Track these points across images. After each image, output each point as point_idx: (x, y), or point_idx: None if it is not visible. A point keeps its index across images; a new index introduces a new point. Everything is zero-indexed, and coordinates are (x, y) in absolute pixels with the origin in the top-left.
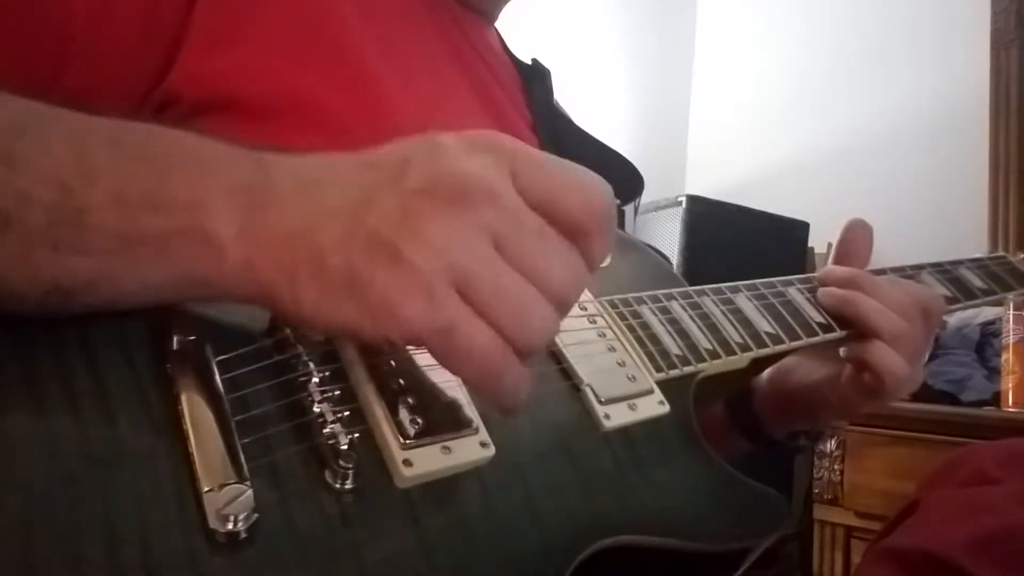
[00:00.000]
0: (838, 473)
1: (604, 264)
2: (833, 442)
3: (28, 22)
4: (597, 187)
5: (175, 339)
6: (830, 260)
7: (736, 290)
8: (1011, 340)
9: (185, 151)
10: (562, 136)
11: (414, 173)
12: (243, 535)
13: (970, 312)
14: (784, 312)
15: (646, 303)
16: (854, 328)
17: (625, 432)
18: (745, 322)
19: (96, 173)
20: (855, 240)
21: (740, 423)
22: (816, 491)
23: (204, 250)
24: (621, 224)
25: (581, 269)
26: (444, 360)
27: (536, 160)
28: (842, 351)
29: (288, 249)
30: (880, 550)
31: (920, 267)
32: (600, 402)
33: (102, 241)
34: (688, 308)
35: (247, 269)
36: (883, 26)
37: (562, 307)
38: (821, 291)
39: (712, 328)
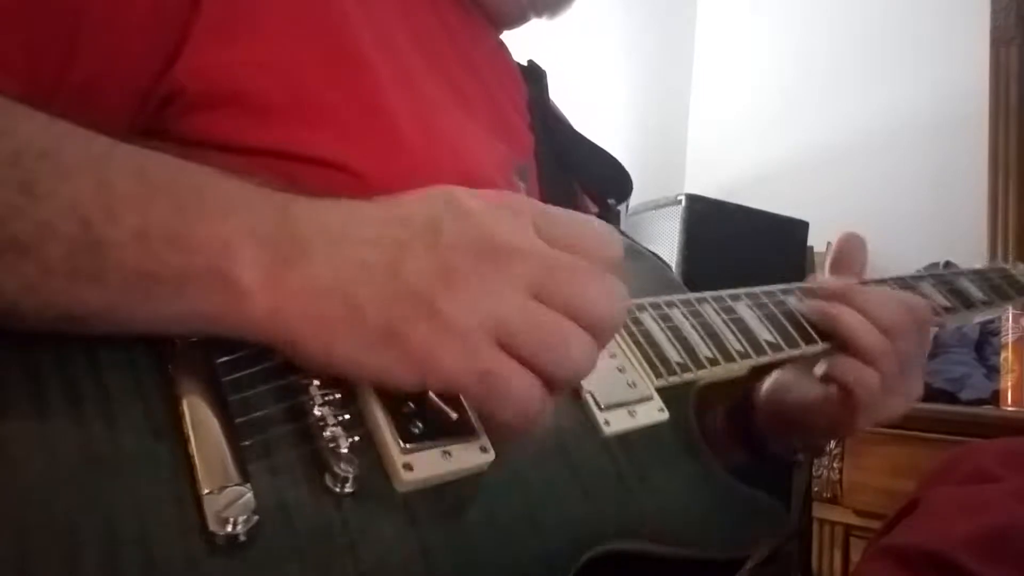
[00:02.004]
0: (837, 471)
1: None
2: (832, 440)
3: (40, 14)
4: (612, 231)
5: (177, 340)
6: (826, 272)
7: (737, 298)
8: (1010, 339)
9: (208, 190)
10: (557, 136)
11: (445, 233)
12: (242, 538)
13: None
14: (784, 320)
15: (647, 309)
16: (837, 342)
17: (625, 438)
18: (745, 330)
19: (118, 207)
20: (849, 252)
21: (741, 438)
22: (815, 489)
23: (223, 292)
24: (616, 225)
25: (618, 292)
26: (483, 403)
27: (554, 212)
28: (816, 368)
29: (321, 302)
30: (880, 548)
31: (920, 278)
32: (600, 408)
33: (120, 276)
34: (689, 315)
35: (274, 317)
36: (882, 25)
37: (604, 332)
38: (809, 304)
39: (712, 336)
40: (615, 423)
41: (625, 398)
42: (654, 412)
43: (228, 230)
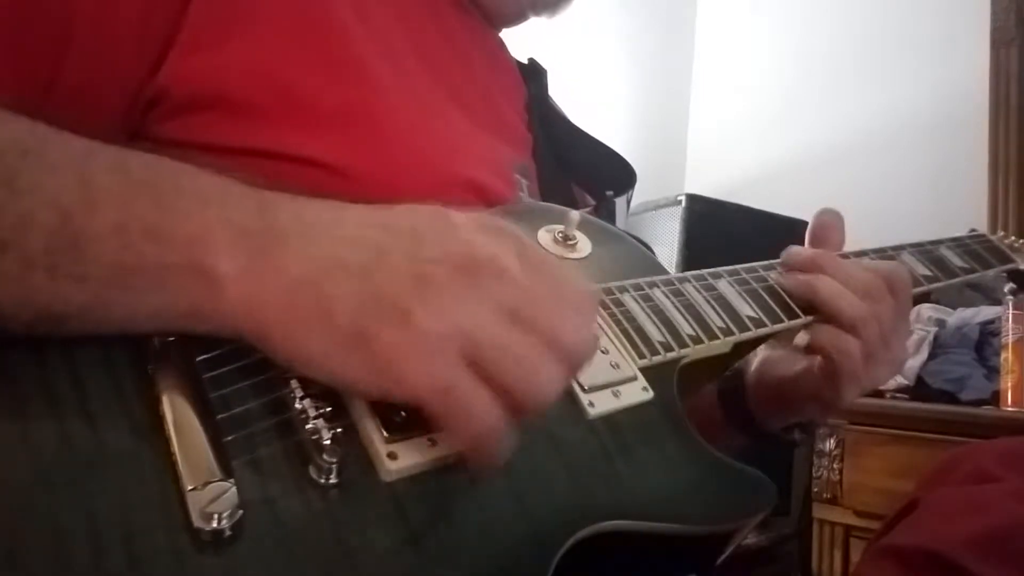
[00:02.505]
0: (837, 472)
1: (584, 255)
2: (832, 441)
3: (29, 20)
4: (592, 286)
5: (156, 339)
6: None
7: (718, 276)
8: (1010, 339)
9: (188, 185)
10: (555, 133)
11: (427, 244)
12: (228, 533)
13: (970, 311)
14: (766, 296)
15: (628, 291)
16: (818, 312)
17: (610, 419)
18: (727, 307)
19: (98, 200)
20: (826, 227)
21: (734, 418)
22: (815, 490)
23: (201, 284)
24: (613, 218)
25: (591, 328)
26: (441, 420)
27: (537, 247)
28: (797, 339)
29: (293, 295)
30: (880, 548)
31: (900, 247)
32: (584, 390)
33: (99, 269)
34: (670, 295)
35: (246, 308)
36: (883, 24)
37: (574, 364)
38: (785, 276)
39: (694, 314)
40: (599, 404)
41: (609, 379)
42: (638, 392)
43: (206, 221)
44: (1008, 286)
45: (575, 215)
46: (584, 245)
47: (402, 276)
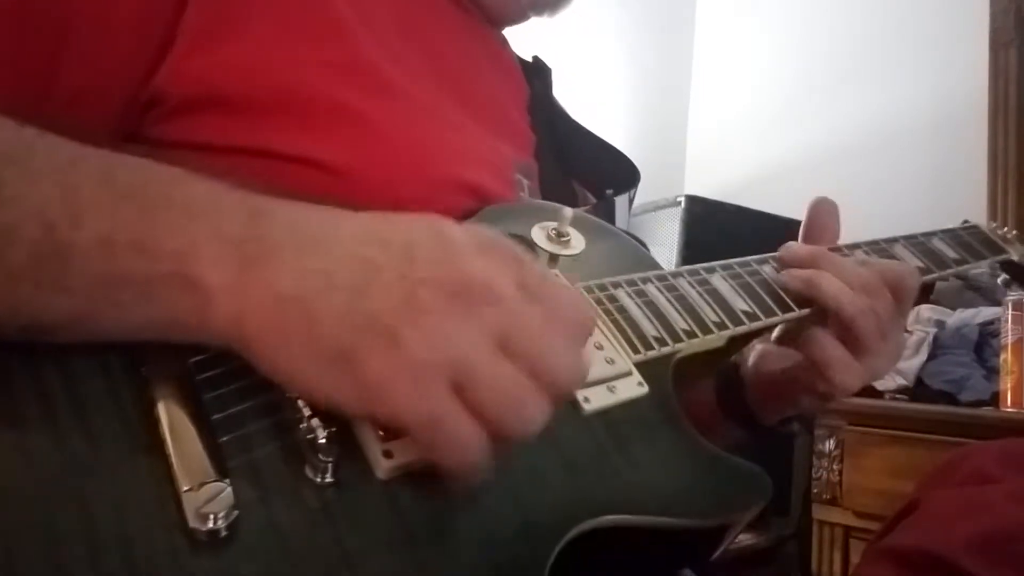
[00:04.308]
0: (837, 473)
1: (578, 251)
2: (832, 442)
3: (26, 21)
4: (590, 303)
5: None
6: (799, 241)
7: (712, 271)
8: (1009, 340)
9: (177, 193)
10: (559, 131)
11: (420, 263)
12: (224, 533)
13: (969, 312)
14: (760, 290)
15: (622, 287)
16: (814, 306)
17: (605, 414)
18: (721, 301)
19: (83, 212)
20: (820, 218)
21: (732, 412)
22: (815, 491)
23: (189, 297)
24: (612, 216)
25: (581, 360)
26: (426, 447)
27: (539, 270)
28: (774, 333)
29: (280, 310)
30: (879, 549)
31: (893, 240)
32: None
33: (85, 282)
34: (664, 290)
35: (234, 322)
36: (882, 25)
37: (560, 396)
38: (783, 273)
39: (688, 309)
40: (595, 400)
41: (604, 375)
42: (633, 387)
43: (193, 234)
44: (1002, 277)
45: (568, 211)
46: (577, 241)
47: (393, 297)
